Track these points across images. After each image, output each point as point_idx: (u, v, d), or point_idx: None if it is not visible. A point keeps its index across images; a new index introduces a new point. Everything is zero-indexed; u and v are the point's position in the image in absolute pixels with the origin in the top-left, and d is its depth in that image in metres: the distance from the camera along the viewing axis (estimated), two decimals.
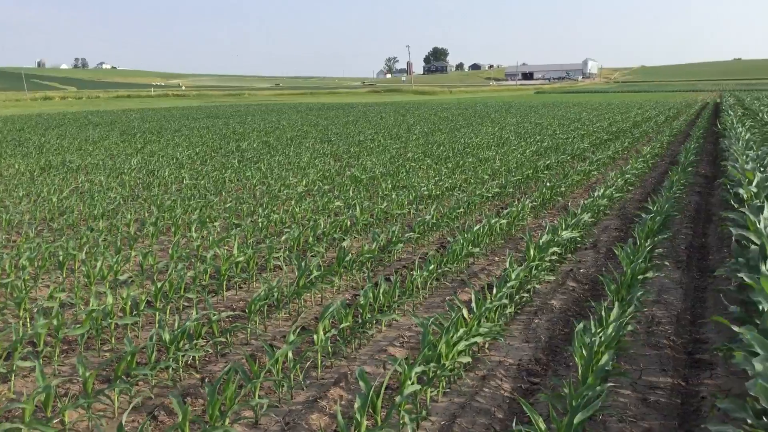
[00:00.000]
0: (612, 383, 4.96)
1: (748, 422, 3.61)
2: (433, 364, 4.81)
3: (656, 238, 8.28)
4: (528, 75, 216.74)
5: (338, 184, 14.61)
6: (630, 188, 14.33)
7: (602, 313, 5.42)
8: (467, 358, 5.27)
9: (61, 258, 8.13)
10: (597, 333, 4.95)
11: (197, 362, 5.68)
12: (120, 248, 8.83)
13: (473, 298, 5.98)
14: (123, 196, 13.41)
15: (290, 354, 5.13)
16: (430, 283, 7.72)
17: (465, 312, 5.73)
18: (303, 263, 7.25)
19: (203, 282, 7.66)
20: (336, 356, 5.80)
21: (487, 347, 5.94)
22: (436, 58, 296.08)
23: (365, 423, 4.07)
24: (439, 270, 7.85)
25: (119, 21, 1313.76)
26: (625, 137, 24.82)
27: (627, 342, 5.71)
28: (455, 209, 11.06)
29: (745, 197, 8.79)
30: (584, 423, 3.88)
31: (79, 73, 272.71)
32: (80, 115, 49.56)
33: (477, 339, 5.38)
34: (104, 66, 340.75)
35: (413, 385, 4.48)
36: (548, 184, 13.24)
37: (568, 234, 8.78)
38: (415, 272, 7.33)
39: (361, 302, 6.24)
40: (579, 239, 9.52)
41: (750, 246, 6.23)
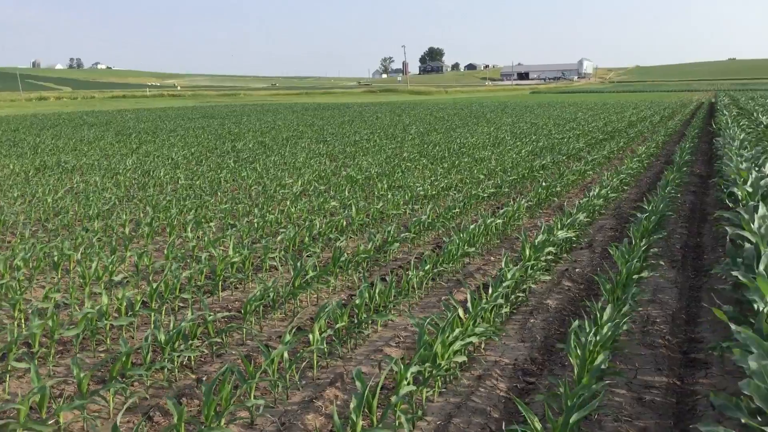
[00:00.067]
0: (607, 382, 4.97)
1: (742, 421, 3.61)
2: (429, 364, 4.82)
3: (651, 238, 8.30)
4: (524, 75, 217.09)
5: (334, 184, 14.60)
6: (625, 188, 14.37)
7: (597, 313, 5.43)
8: (463, 358, 5.27)
9: (56, 259, 8.11)
10: (592, 332, 4.95)
11: (193, 363, 5.67)
12: (115, 249, 8.81)
13: (469, 298, 5.99)
14: (118, 197, 13.39)
15: (286, 354, 5.12)
16: (426, 283, 7.72)
17: (461, 312, 5.73)
18: (299, 263, 7.26)
19: (199, 282, 7.65)
20: (332, 356, 5.80)
21: (483, 347, 5.95)
22: (432, 58, 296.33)
23: (361, 423, 4.07)
24: (435, 270, 7.85)
25: (115, 21, 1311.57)
26: (621, 137, 24.86)
27: (622, 341, 5.73)
28: (451, 209, 11.07)
29: (740, 197, 8.82)
30: (580, 422, 3.89)
31: (75, 74, 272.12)
32: (75, 116, 49.44)
33: (473, 339, 5.39)
34: (99, 66, 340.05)
35: (409, 385, 4.49)
36: (544, 184, 13.25)
37: (564, 234, 8.80)
38: (411, 272, 7.33)
39: (357, 302, 6.24)
40: (574, 239, 9.54)
41: (745, 245, 6.25)
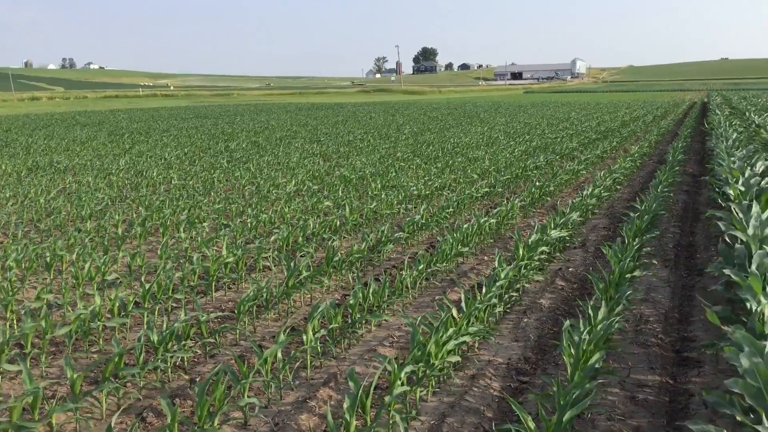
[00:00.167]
0: (600, 381, 4.98)
1: (737, 418, 3.62)
2: (423, 364, 4.82)
3: (644, 237, 8.33)
4: (517, 75, 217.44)
5: (328, 184, 14.59)
6: (618, 187, 14.41)
7: (590, 312, 5.43)
8: (456, 358, 5.27)
9: (49, 259, 8.08)
10: (585, 332, 4.96)
11: (186, 363, 5.66)
12: (108, 249, 8.78)
13: (463, 298, 5.99)
14: (111, 197, 13.35)
15: (279, 354, 5.11)
16: (420, 283, 7.72)
17: (454, 311, 5.74)
18: (292, 263, 7.24)
19: (192, 283, 7.63)
20: (325, 356, 5.79)
21: (477, 346, 5.95)
22: (426, 58, 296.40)
23: (354, 423, 4.07)
24: (429, 270, 7.85)
25: (107, 21, 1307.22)
26: (614, 137, 24.93)
27: (615, 340, 5.74)
28: (445, 209, 11.08)
29: (733, 196, 8.85)
30: (573, 421, 3.90)
31: (67, 74, 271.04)
32: (68, 116, 49.26)
33: (466, 338, 5.39)
34: (92, 66, 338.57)
35: (403, 385, 4.49)
36: (537, 184, 13.28)
37: (557, 233, 8.81)
38: (405, 272, 7.33)
39: (351, 302, 6.24)
40: (568, 238, 9.56)
41: (737, 244, 6.27)
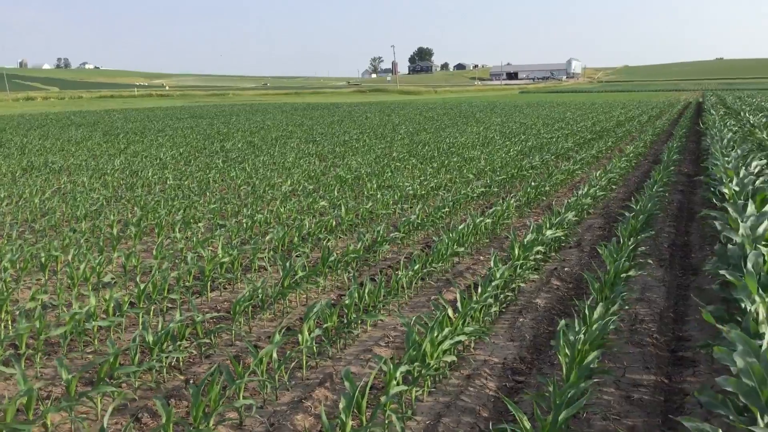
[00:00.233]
0: (596, 381, 4.99)
1: (730, 418, 3.63)
2: (418, 364, 4.81)
3: (639, 237, 8.34)
4: (513, 75, 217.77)
5: (323, 184, 14.58)
6: (613, 187, 14.43)
7: (586, 312, 5.44)
8: (452, 357, 5.27)
9: (43, 260, 8.06)
10: (581, 331, 4.97)
11: (181, 364, 5.65)
12: (103, 249, 8.76)
13: (458, 298, 5.99)
14: (106, 197, 13.31)
15: (275, 354, 5.11)
16: (416, 283, 7.72)
17: (450, 311, 5.74)
18: (288, 263, 7.24)
19: (187, 283, 7.61)
20: (321, 356, 5.79)
21: (472, 346, 5.95)
22: (421, 58, 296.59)
23: (350, 423, 4.07)
24: (425, 269, 7.85)
25: (103, 21, 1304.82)
26: (609, 136, 24.96)
27: (611, 340, 5.75)
28: (440, 209, 11.07)
29: (728, 195, 8.88)
30: (568, 421, 3.90)
31: (62, 74, 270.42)
32: (63, 116, 49.14)
33: (462, 338, 5.39)
34: (87, 66, 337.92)
35: (398, 385, 4.48)
36: (533, 184, 13.29)
37: (553, 233, 8.82)
38: (401, 272, 7.33)
39: (347, 302, 6.24)
40: (563, 238, 9.57)
41: (732, 244, 6.29)
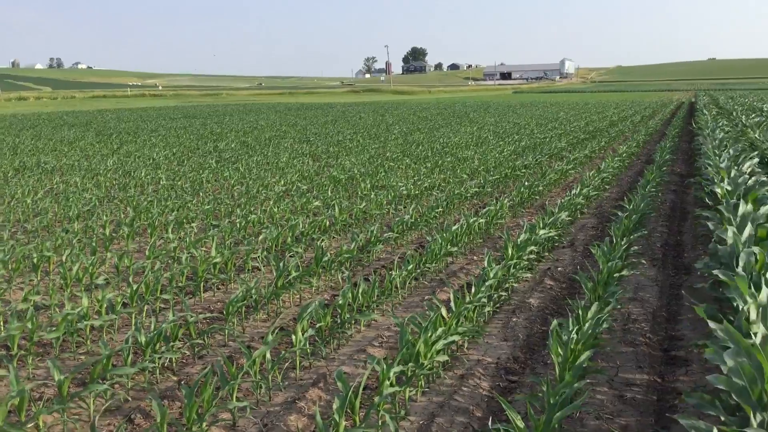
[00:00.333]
0: (589, 380, 4.99)
1: (721, 419, 3.64)
2: (412, 364, 4.81)
3: (632, 237, 8.36)
4: (506, 75, 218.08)
5: (317, 185, 14.57)
6: (606, 187, 14.47)
7: (579, 311, 5.45)
8: (445, 357, 5.28)
9: (36, 260, 8.02)
10: (574, 331, 4.98)
11: (174, 364, 5.63)
12: (95, 250, 8.73)
13: (452, 297, 6.00)
14: (98, 198, 13.26)
15: (268, 355, 5.10)
16: (409, 283, 7.72)
17: (444, 311, 5.74)
18: (281, 264, 7.23)
19: (180, 283, 7.59)
20: (315, 357, 5.78)
21: (466, 346, 5.96)
22: (415, 58, 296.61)
23: (344, 423, 4.06)
24: (418, 270, 7.86)
25: (95, 21, 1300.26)
26: (602, 136, 25.03)
27: (604, 339, 5.76)
28: (434, 209, 11.08)
29: (720, 195, 8.91)
30: (561, 420, 3.91)
31: (54, 74, 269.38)
32: (55, 116, 48.95)
33: (455, 338, 5.39)
34: (80, 66, 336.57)
35: (392, 386, 4.48)
36: (526, 183, 13.31)
37: (546, 233, 8.84)
38: (394, 272, 7.33)
39: (340, 302, 6.23)
40: (556, 238, 9.59)
41: (725, 244, 6.31)
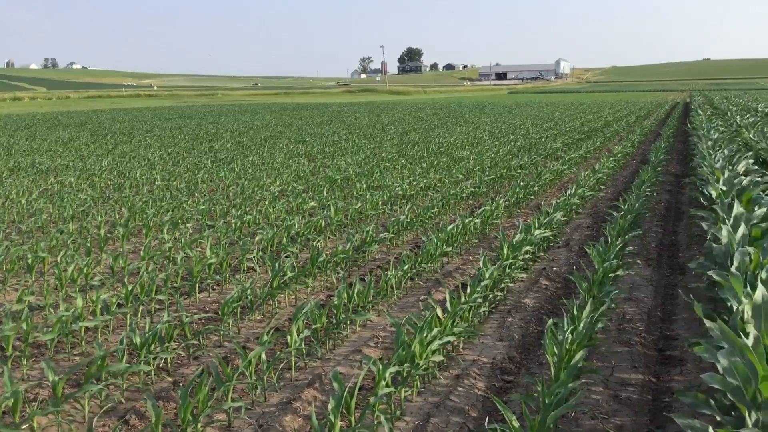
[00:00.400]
0: (584, 380, 5.00)
1: (717, 419, 3.65)
2: (407, 364, 4.81)
3: (627, 237, 8.38)
4: (501, 75, 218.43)
5: (313, 185, 14.56)
6: (602, 187, 14.49)
7: (574, 311, 5.46)
8: (441, 358, 5.28)
9: (30, 261, 8.01)
10: (569, 331, 4.99)
11: (169, 365, 5.62)
12: (90, 250, 8.70)
13: (447, 298, 6.00)
14: (93, 198, 13.23)
15: (264, 356, 5.10)
16: (405, 283, 7.72)
17: (439, 311, 5.74)
18: (277, 264, 7.22)
19: (175, 284, 7.58)
20: (310, 357, 5.78)
21: (462, 346, 5.96)
22: (411, 58, 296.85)
23: (339, 424, 4.06)
24: (414, 270, 7.86)
25: (90, 21, 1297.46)
26: (597, 137, 25.08)
27: (599, 339, 5.77)
28: (429, 209, 11.08)
29: (714, 195, 8.93)
30: (557, 420, 3.91)
31: (49, 74, 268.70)
32: (50, 116, 48.81)
33: (451, 338, 5.40)
34: (75, 66, 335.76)
35: (387, 386, 4.48)
36: (522, 184, 13.33)
37: (541, 233, 8.85)
38: (390, 272, 7.33)
39: (336, 303, 6.23)
40: (552, 238, 9.60)
41: (719, 243, 6.33)
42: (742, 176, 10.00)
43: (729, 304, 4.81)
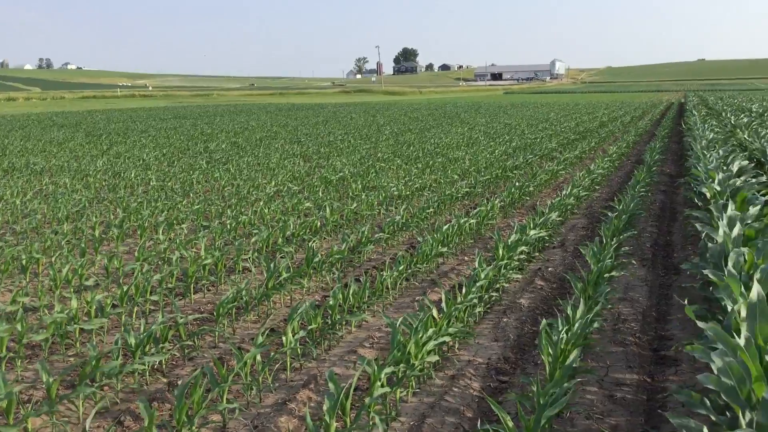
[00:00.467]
0: (579, 380, 5.01)
1: (712, 418, 3.66)
2: (403, 365, 4.81)
3: (622, 237, 8.40)
4: (497, 76, 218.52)
5: (308, 185, 14.55)
6: (597, 187, 14.52)
7: (569, 311, 5.47)
8: (436, 358, 5.28)
9: (25, 262, 7.98)
10: (564, 331, 4.99)
11: (164, 366, 5.61)
12: (85, 251, 8.68)
13: (443, 298, 6.00)
14: (88, 199, 13.19)
15: (259, 356, 5.09)
16: (400, 284, 7.72)
17: (435, 312, 5.74)
18: (272, 265, 7.21)
19: (170, 285, 7.56)
20: (305, 358, 5.78)
21: (457, 347, 5.96)
22: (406, 59, 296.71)
23: (334, 425, 4.06)
24: (409, 270, 7.86)
25: (85, 21, 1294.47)
26: (592, 137, 25.13)
27: (593, 339, 5.78)
28: (425, 209, 11.09)
29: (709, 195, 8.96)
30: (551, 420, 3.92)
31: (44, 74, 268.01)
32: (45, 116, 48.69)
33: (446, 339, 5.40)
34: (69, 66, 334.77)
35: (383, 387, 4.48)
36: (517, 184, 13.34)
37: (536, 233, 8.86)
38: (385, 273, 7.32)
39: (331, 303, 6.22)
40: (547, 238, 9.61)
41: (714, 244, 6.35)
42: (737, 176, 10.04)
43: (724, 304, 4.82)
